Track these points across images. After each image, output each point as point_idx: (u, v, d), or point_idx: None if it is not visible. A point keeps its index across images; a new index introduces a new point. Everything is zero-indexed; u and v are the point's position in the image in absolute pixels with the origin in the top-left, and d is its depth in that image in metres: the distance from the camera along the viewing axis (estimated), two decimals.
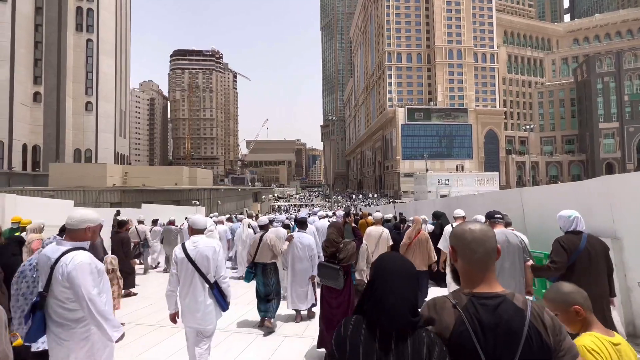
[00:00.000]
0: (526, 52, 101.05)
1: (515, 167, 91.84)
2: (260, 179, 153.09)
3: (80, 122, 49.59)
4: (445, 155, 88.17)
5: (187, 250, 2.88)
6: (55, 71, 46.20)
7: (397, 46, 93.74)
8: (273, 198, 77.59)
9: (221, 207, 30.96)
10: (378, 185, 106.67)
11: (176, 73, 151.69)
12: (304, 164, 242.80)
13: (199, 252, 2.87)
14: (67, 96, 47.45)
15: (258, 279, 4.59)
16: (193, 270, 2.85)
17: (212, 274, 2.90)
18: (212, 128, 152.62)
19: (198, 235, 3.00)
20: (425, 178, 67.38)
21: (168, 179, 31.40)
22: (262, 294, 4.55)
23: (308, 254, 4.67)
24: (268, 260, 4.58)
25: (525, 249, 3.07)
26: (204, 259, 2.87)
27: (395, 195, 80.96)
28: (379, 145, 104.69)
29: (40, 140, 45.56)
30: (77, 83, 49.58)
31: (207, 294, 2.87)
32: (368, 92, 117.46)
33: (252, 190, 52.72)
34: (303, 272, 4.68)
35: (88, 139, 49.96)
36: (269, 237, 4.62)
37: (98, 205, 21.01)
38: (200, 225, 3.04)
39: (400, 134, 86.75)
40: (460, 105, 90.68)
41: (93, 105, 50.75)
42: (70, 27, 48.68)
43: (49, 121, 45.90)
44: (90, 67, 50.58)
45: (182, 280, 2.88)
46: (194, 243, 2.92)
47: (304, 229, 4.94)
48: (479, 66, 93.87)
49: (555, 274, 2.69)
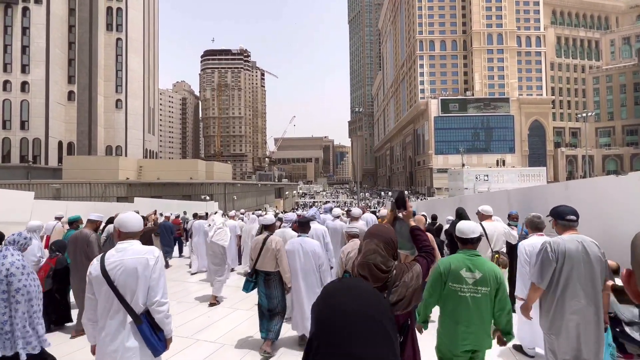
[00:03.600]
0: (579, 32, 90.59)
1: (565, 161, 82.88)
2: (288, 175, 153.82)
3: (111, 119, 51.03)
4: (483, 150, 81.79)
5: (105, 264, 1.99)
6: (87, 70, 47.75)
7: (430, 33, 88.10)
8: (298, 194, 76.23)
9: (237, 202, 29.42)
10: (409, 182, 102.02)
11: (206, 73, 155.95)
12: (332, 160, 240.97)
13: (123, 266, 1.98)
14: (98, 94, 48.93)
15: (260, 290, 3.86)
16: (112, 295, 1.97)
17: (140, 300, 1.99)
18: (240, 126, 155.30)
19: (128, 242, 2.08)
20: (461, 174, 63.12)
21: (183, 172, 30.34)
22: (265, 309, 3.82)
23: (314, 263, 3.77)
24: (272, 269, 3.77)
25: (606, 263, 2.25)
26: (130, 276, 1.98)
27: (428, 192, 76.27)
28: (410, 140, 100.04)
29: (75, 137, 47.43)
30: (108, 81, 51.00)
31: (129, 331, 1.97)
32: (398, 84, 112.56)
33: (274, 186, 51.24)
34: (309, 289, 3.77)
35: (118, 135, 51.30)
36: (274, 240, 3.80)
37: (105, 200, 20.34)
38: (131, 226, 2.10)
39: (433, 127, 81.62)
40: (501, 95, 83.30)
41: (123, 103, 52.01)
42: (101, 27, 50.13)
43: (82, 119, 47.58)
44: (120, 66, 51.80)
45: (100, 306, 2.02)
46: (119, 253, 2.03)
47: (306, 232, 3.97)
48: (523, 51, 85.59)
49: None
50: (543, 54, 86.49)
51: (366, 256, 1.56)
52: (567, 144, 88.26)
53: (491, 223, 4.01)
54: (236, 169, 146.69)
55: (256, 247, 3.85)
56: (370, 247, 1.59)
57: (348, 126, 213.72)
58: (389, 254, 1.59)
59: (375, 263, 1.52)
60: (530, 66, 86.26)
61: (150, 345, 2.00)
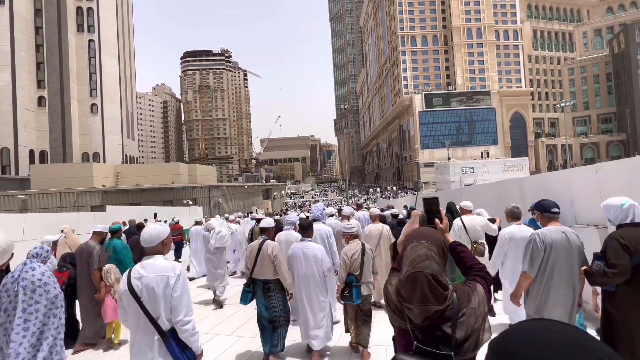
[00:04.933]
0: (553, 25, 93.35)
1: (545, 151, 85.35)
2: (276, 176, 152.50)
3: (87, 124, 48.70)
4: (467, 143, 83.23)
5: (131, 280, 1.98)
6: (58, 74, 45.29)
7: (411, 29, 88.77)
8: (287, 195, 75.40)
9: (223, 206, 28.32)
10: (396, 177, 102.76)
11: (187, 74, 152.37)
12: (319, 159, 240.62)
13: (145, 284, 1.95)
14: (71, 99, 46.56)
15: (258, 300, 3.55)
16: (140, 311, 1.96)
17: (165, 317, 1.95)
18: (225, 128, 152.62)
19: (152, 257, 2.03)
20: (448, 167, 64.10)
21: (164, 177, 28.89)
22: (266, 320, 3.49)
23: (317, 269, 3.48)
24: (270, 277, 3.48)
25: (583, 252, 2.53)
26: (151, 294, 1.94)
27: (415, 186, 76.89)
28: (396, 135, 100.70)
29: (47, 145, 44.89)
30: (81, 85, 48.62)
31: (157, 348, 1.94)
32: (382, 81, 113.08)
33: (261, 188, 50.18)
34: (312, 298, 3.50)
35: (95, 141, 49.03)
36: (270, 245, 3.50)
37: (78, 209, 18.93)
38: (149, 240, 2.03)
39: (418, 122, 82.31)
40: (482, 88, 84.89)
41: (98, 107, 49.73)
42: (71, 28, 47.66)
43: (54, 125, 45.12)
44: (94, 69, 49.47)
45: (130, 320, 2.03)
46: (143, 269, 2.01)
47: (308, 236, 3.72)
48: (501, 44, 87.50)
49: (616, 281, 2.13)
50: (521, 47, 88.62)
51: (417, 264, 1.16)
52: (546, 134, 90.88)
53: (470, 217, 4.46)
54: (222, 172, 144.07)
55: (251, 254, 3.55)
56: (420, 251, 1.20)
57: (334, 124, 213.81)
58: (444, 263, 1.23)
59: (433, 274, 1.14)
60: (509, 59, 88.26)
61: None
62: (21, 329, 2.36)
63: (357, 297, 3.34)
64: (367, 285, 3.47)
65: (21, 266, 2.57)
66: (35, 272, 2.54)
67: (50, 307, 2.52)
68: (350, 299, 3.34)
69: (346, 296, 3.37)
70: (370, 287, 3.51)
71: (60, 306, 2.60)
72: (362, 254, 3.48)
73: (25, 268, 2.55)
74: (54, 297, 2.55)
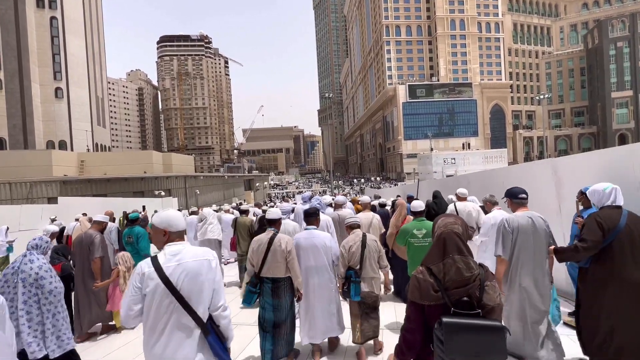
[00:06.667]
0: (532, 19, 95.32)
1: (522, 143, 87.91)
2: (259, 167, 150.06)
3: (51, 110, 44.94)
4: (448, 134, 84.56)
5: (165, 270, 1.69)
6: (15, 53, 41.22)
7: (396, 18, 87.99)
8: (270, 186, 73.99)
9: (201, 197, 26.73)
10: (380, 168, 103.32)
11: (164, 60, 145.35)
12: (303, 150, 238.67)
13: (186, 270, 1.71)
14: (32, 82, 42.65)
15: (265, 300, 3.12)
16: (174, 305, 1.68)
17: (205, 307, 1.76)
18: (205, 117, 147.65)
19: (179, 243, 1.80)
20: (430, 158, 65.17)
21: (136, 166, 26.69)
22: (270, 324, 3.09)
23: (326, 260, 3.23)
24: (282, 275, 3.10)
25: (551, 234, 2.75)
26: (194, 281, 1.72)
27: (399, 177, 77.50)
28: (379, 126, 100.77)
29: (6, 132, 41.08)
30: (44, 67, 44.59)
31: (197, 344, 1.72)
32: (366, 71, 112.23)
33: (243, 178, 48.47)
34: (321, 290, 3.24)
35: (61, 128, 45.42)
36: (284, 239, 3.10)
37: (31, 201, 16.94)
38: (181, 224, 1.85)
39: (402, 113, 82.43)
40: (464, 80, 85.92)
41: (64, 92, 45.92)
42: (29, 3, 43.26)
43: (13, 111, 41.26)
44: (57, 49, 45.34)
45: (152, 320, 1.70)
46: (176, 256, 1.73)
47: (314, 224, 3.41)
48: (483, 37, 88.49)
49: (585, 255, 2.33)
50: (502, 39, 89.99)
51: (448, 226, 1.54)
52: (524, 126, 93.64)
53: (463, 203, 4.71)
54: (203, 163, 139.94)
55: (259, 249, 3.12)
56: (450, 219, 1.59)
57: (318, 115, 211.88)
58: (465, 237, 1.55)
59: (457, 232, 1.51)
60: (490, 52, 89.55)
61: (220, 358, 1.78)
62: (25, 320, 2.44)
63: (356, 293, 3.07)
64: (369, 281, 3.18)
65: (21, 257, 2.61)
66: (33, 264, 2.57)
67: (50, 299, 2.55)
68: (348, 295, 3.13)
69: (345, 291, 3.16)
70: (373, 284, 3.20)
71: (59, 300, 2.62)
72: (362, 247, 3.19)
73: (24, 260, 2.58)
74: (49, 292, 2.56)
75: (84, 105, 48.09)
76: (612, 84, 77.23)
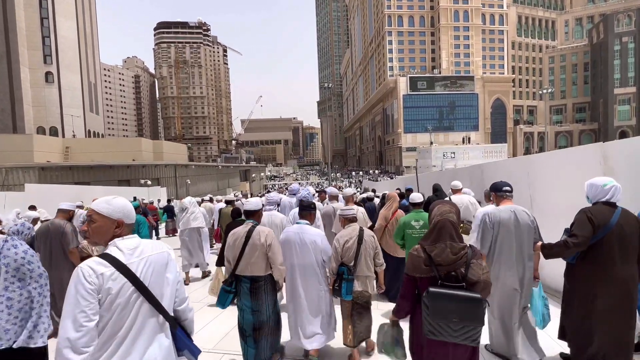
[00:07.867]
0: (537, 12, 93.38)
1: (523, 138, 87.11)
2: (257, 158, 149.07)
3: (41, 95, 43.57)
4: (449, 128, 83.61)
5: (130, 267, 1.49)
6: (3, 35, 39.66)
7: (398, 8, 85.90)
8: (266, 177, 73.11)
9: (193, 187, 25.83)
10: (378, 161, 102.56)
11: (162, 48, 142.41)
12: (302, 142, 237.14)
13: (151, 264, 1.54)
14: (21, 65, 41.18)
15: (242, 302, 2.84)
16: (141, 305, 1.49)
17: (169, 302, 1.63)
18: (203, 106, 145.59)
19: (133, 237, 1.57)
20: (430, 152, 64.57)
21: (124, 153, 25.69)
22: (250, 327, 2.82)
23: (315, 258, 2.99)
24: (262, 273, 2.82)
25: (536, 229, 2.69)
26: (159, 275, 1.58)
27: (397, 170, 76.86)
28: (379, 119, 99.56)
29: None
30: (33, 50, 43.03)
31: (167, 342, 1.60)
32: (367, 62, 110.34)
33: (238, 168, 47.52)
34: (309, 291, 3.02)
35: (52, 114, 44.13)
36: (264, 232, 2.82)
37: (8, 189, 15.99)
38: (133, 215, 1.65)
39: (402, 106, 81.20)
40: (466, 73, 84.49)
41: (54, 76, 44.48)
42: None
43: (1, 95, 39.91)
44: (47, 31, 43.71)
45: (112, 325, 1.44)
46: (136, 249, 1.53)
47: (308, 219, 3.17)
48: (487, 29, 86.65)
49: (573, 251, 2.28)
50: (505, 32, 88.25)
51: (445, 214, 1.76)
52: (525, 121, 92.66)
53: (459, 196, 4.69)
54: (200, 153, 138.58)
55: (236, 244, 2.82)
56: (446, 207, 1.79)
57: (317, 106, 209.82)
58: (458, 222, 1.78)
59: (452, 220, 1.73)
60: (493, 44, 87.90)
61: (191, 351, 1.71)
62: (5, 307, 2.35)
63: (347, 292, 2.86)
64: (363, 280, 2.96)
65: (2, 242, 2.53)
66: (18, 249, 2.50)
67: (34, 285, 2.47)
68: (339, 294, 2.90)
69: (336, 289, 2.94)
70: (367, 283, 2.98)
71: (45, 284, 2.54)
72: (358, 242, 2.95)
73: (7, 245, 2.51)
74: (39, 275, 2.51)
75: (76, 91, 46.68)
76: (615, 80, 76.16)
